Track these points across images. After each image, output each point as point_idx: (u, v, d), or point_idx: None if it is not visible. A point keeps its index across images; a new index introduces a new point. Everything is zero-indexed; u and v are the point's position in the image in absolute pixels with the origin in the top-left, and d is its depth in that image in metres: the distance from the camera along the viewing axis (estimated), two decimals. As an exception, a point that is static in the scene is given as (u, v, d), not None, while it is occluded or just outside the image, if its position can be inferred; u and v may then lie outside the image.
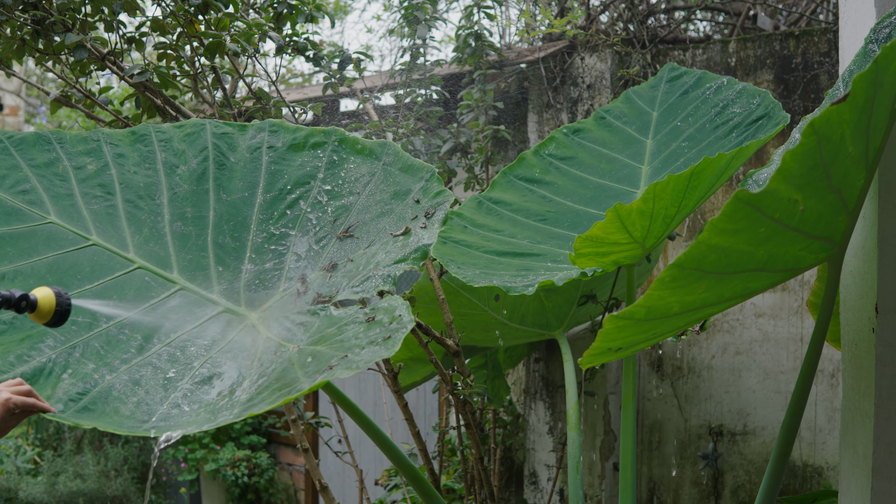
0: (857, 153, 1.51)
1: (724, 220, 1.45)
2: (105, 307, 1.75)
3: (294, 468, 5.88)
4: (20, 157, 2.04)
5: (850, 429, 1.84)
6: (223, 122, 2.22)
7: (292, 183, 2.07)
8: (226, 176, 2.10)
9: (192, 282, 1.91)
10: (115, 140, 2.14)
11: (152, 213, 2.02)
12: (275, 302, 1.86)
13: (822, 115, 1.38)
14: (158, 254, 1.95)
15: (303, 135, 2.14)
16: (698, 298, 1.67)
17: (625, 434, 2.43)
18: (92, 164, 2.07)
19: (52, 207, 1.97)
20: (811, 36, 3.39)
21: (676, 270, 1.53)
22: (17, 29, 2.57)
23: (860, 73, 1.37)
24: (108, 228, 1.97)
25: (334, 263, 1.88)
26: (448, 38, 6.59)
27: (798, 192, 1.47)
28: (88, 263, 1.89)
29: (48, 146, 2.08)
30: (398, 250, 1.78)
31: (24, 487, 5.42)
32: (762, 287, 1.77)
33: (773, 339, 3.40)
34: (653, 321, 1.72)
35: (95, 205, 2.01)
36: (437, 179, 1.95)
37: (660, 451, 3.65)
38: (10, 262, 1.83)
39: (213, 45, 2.61)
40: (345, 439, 3.30)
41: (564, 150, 2.86)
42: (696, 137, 2.67)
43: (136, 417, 1.64)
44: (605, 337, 1.72)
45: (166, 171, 2.10)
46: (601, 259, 2.26)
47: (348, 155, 2.10)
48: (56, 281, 1.82)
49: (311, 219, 2.00)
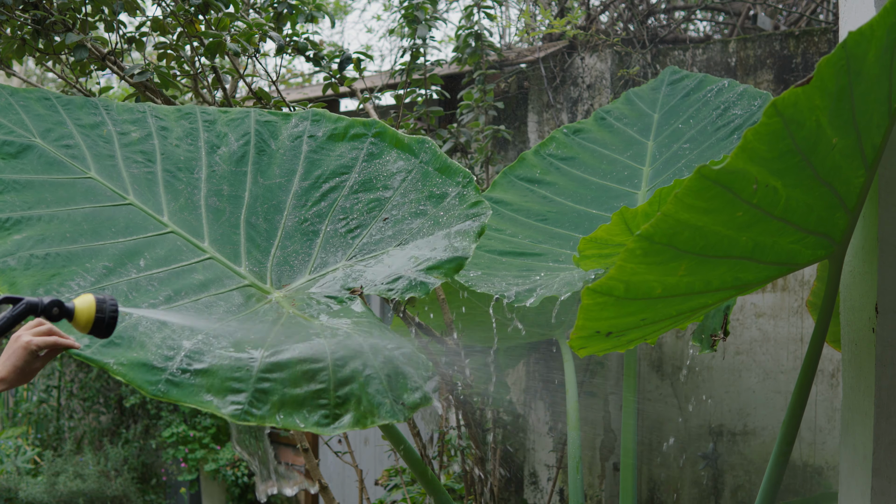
0: (845, 147, 1.50)
1: (690, 196, 1.43)
2: (154, 313, 1.74)
3: (294, 468, 5.88)
4: (67, 115, 2.09)
5: (850, 429, 1.84)
6: (268, 111, 2.26)
7: (329, 173, 2.11)
8: (265, 161, 2.14)
9: (221, 254, 1.94)
10: (160, 114, 2.20)
11: (189, 185, 2.07)
12: (300, 284, 1.89)
13: (785, 96, 1.36)
14: (192, 223, 1.99)
15: (343, 125, 2.18)
16: (682, 282, 1.64)
17: (625, 434, 2.43)
18: (136, 132, 2.13)
19: (93, 165, 2.02)
20: (811, 36, 3.39)
21: (646, 243, 1.50)
22: (18, 29, 2.57)
23: (826, 57, 1.35)
24: (145, 192, 2.01)
25: (364, 256, 1.90)
26: (448, 38, 6.60)
27: (776, 178, 1.45)
28: (123, 220, 1.92)
29: (94, 110, 2.14)
30: (433, 256, 1.78)
31: (24, 487, 5.42)
32: (755, 279, 1.75)
33: (773, 339, 3.40)
34: (636, 301, 1.68)
35: (135, 169, 2.06)
36: (473, 186, 1.96)
37: (660, 451, 3.65)
38: (47, 207, 1.86)
39: (214, 45, 2.61)
40: (345, 439, 3.30)
41: (565, 151, 2.86)
42: (697, 139, 2.68)
43: (161, 353, 1.63)
44: (586, 314, 1.69)
45: (207, 150, 2.15)
46: (604, 261, 2.26)
47: (386, 148, 2.12)
48: (90, 230, 1.85)
49: (345, 209, 2.03)
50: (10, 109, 2.02)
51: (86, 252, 1.79)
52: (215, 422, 5.81)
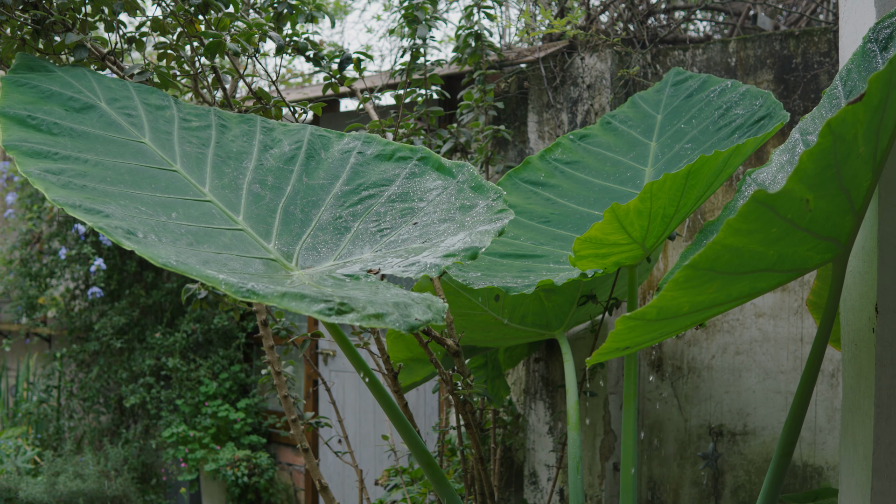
0: (867, 153, 1.51)
1: (741, 220, 1.44)
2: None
3: (294, 468, 5.88)
4: (136, 94, 2.24)
5: (850, 429, 1.84)
6: (324, 129, 2.40)
7: (370, 183, 2.23)
8: (312, 166, 2.27)
9: (253, 230, 2.03)
10: (222, 116, 2.35)
11: (236, 171, 2.19)
12: (324, 267, 1.95)
13: (838, 115, 1.38)
14: (231, 200, 2.09)
15: (391, 148, 2.32)
16: (708, 298, 1.67)
17: (625, 434, 2.43)
18: (196, 122, 2.27)
19: (149, 134, 2.13)
20: (811, 36, 3.39)
21: (691, 271, 1.53)
22: (17, 29, 2.57)
23: (876, 73, 1.37)
24: (192, 167, 2.12)
25: (389, 251, 1.96)
26: (448, 38, 6.60)
27: (810, 191, 1.47)
28: (165, 181, 2.02)
29: (164, 98, 2.29)
30: (451, 246, 1.86)
31: (24, 487, 5.42)
32: (769, 287, 1.77)
33: (773, 339, 3.40)
34: (663, 321, 1.72)
35: (188, 147, 2.17)
36: (503, 200, 2.06)
37: (660, 451, 3.65)
38: (96, 154, 1.95)
39: (213, 45, 2.61)
40: (345, 439, 3.30)
41: (570, 155, 2.87)
42: (699, 139, 2.68)
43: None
44: (616, 338, 1.72)
45: (260, 148, 2.28)
46: (601, 261, 2.26)
47: (428, 170, 2.24)
48: (131, 181, 1.93)
49: (379, 213, 2.14)
50: (83, 78, 2.18)
51: (121, 195, 1.87)
52: (215, 422, 5.81)
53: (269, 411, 6.05)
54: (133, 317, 6.14)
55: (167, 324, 6.23)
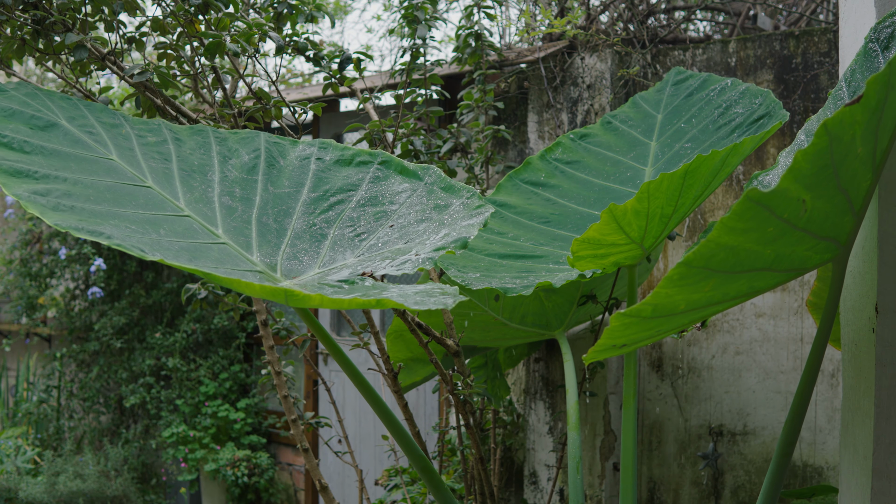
0: (865, 154, 1.51)
1: (735, 219, 1.44)
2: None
3: (294, 468, 5.88)
4: (87, 111, 2.21)
5: (850, 429, 1.84)
6: (276, 135, 2.38)
7: (336, 189, 2.22)
8: (274, 174, 2.26)
9: (235, 243, 2.03)
10: (173, 129, 2.33)
11: (203, 184, 2.18)
12: (310, 276, 1.95)
13: (835, 116, 1.38)
14: (206, 213, 2.09)
15: (350, 153, 2.30)
16: (704, 297, 1.67)
17: (625, 434, 2.42)
18: (152, 137, 2.25)
19: (114, 151, 2.12)
20: (811, 36, 3.38)
21: (685, 268, 1.53)
22: (18, 29, 2.56)
23: (875, 75, 1.37)
24: (163, 182, 2.12)
25: (372, 254, 1.97)
26: (448, 38, 6.60)
27: (807, 191, 1.47)
28: (143, 197, 2.02)
29: (113, 115, 2.27)
30: (438, 241, 1.87)
31: (24, 487, 5.42)
32: (767, 286, 1.77)
33: (773, 339, 3.40)
34: (659, 319, 1.72)
35: (153, 163, 2.16)
36: (478, 197, 2.06)
37: (660, 451, 3.65)
38: (72, 173, 1.94)
39: (213, 45, 2.61)
40: (345, 439, 3.30)
41: (571, 155, 2.87)
42: (699, 138, 2.68)
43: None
44: (611, 334, 1.72)
45: (220, 159, 2.27)
46: (600, 261, 2.25)
47: (391, 174, 2.23)
48: (112, 199, 1.93)
49: (352, 218, 2.14)
50: (36, 97, 2.15)
51: (109, 213, 1.87)
52: (215, 422, 5.81)
53: (269, 411, 6.05)
54: (133, 317, 6.15)
55: (167, 324, 6.23)
